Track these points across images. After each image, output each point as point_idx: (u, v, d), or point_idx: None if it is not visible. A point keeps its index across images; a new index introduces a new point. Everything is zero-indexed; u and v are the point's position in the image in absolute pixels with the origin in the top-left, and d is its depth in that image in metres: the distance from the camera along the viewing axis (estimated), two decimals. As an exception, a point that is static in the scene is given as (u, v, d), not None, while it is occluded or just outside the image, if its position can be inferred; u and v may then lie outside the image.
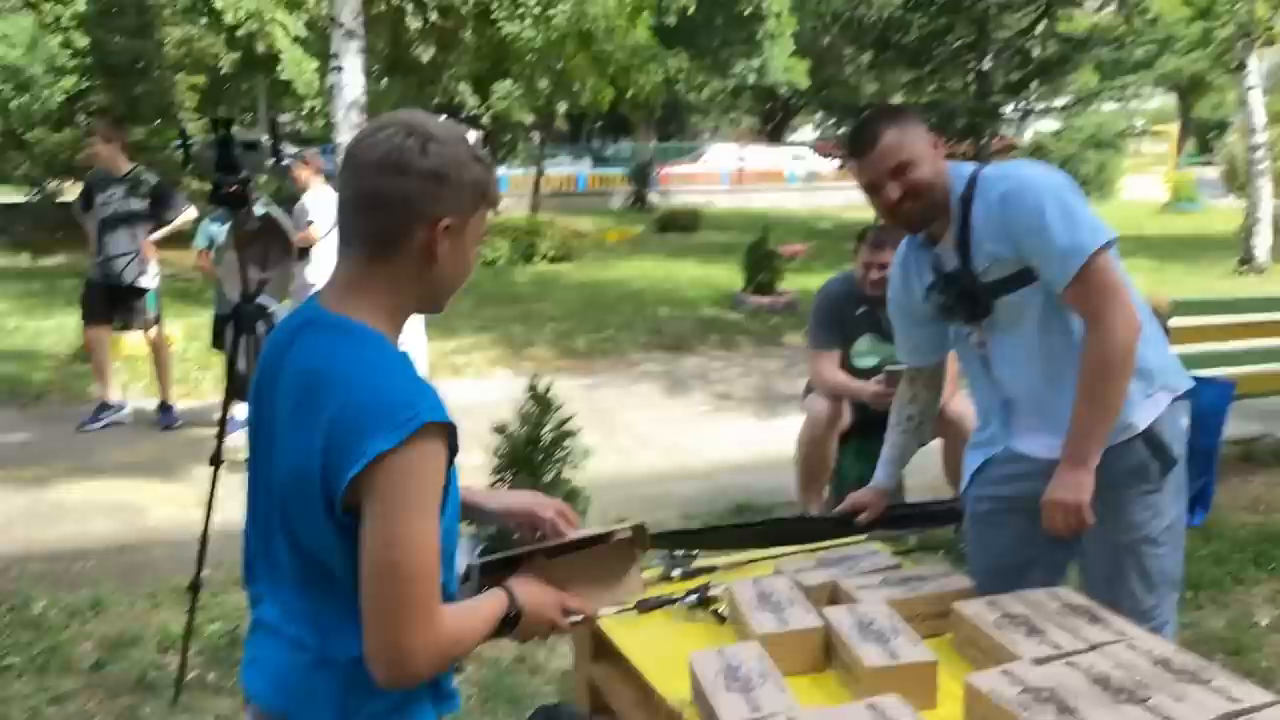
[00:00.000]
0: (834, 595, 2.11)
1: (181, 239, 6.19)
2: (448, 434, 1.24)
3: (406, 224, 1.26)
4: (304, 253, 5.43)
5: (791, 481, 4.20)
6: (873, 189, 2.14)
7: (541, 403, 3.44)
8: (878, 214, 2.22)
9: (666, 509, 4.35)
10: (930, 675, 1.76)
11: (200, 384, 6.55)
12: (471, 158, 1.30)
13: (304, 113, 18.79)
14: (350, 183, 1.29)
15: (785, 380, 6.77)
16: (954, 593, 2.06)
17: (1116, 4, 15.51)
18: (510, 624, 1.40)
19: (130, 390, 6.24)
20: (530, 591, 1.44)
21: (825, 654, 1.91)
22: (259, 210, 2.76)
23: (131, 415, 5.94)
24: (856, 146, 2.14)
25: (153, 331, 5.90)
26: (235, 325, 2.65)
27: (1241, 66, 11.92)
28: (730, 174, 26.11)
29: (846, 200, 22.09)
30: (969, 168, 2.17)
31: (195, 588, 2.86)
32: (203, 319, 8.09)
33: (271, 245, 2.96)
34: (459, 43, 18.03)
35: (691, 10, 17.14)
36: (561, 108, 21.07)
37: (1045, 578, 2.14)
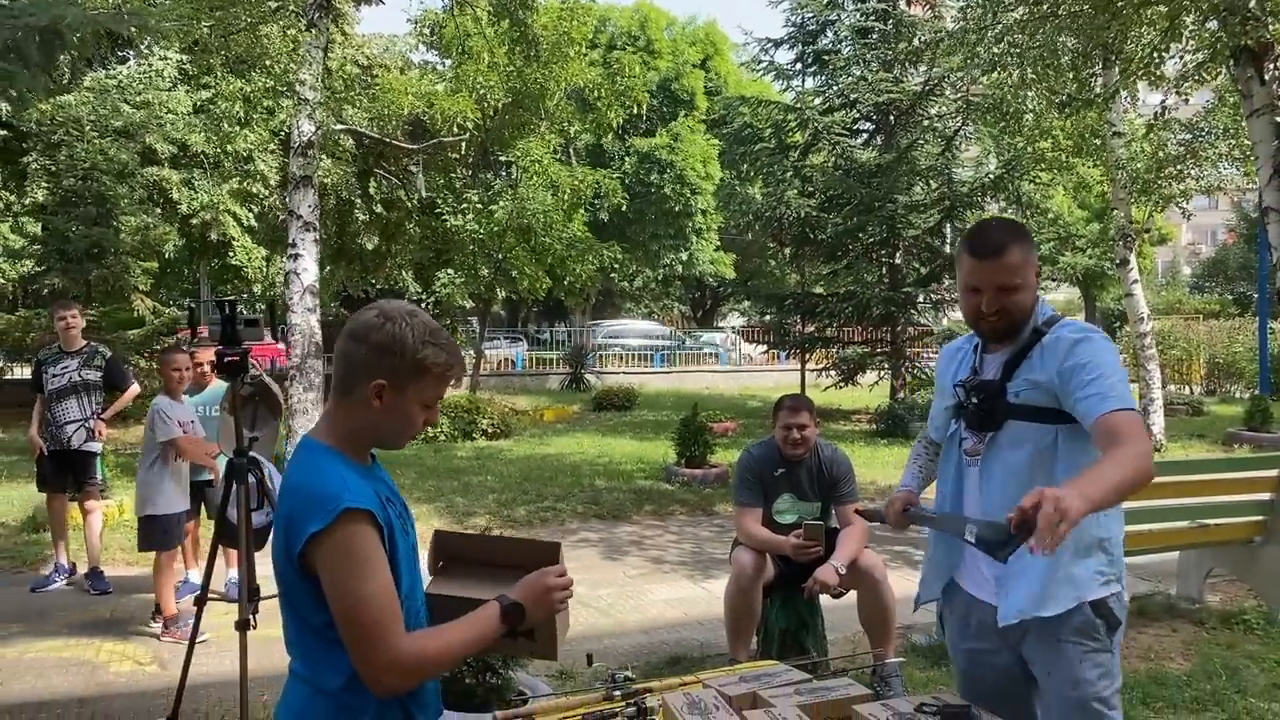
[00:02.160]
0: (754, 702, 2.44)
1: (123, 417, 6.47)
2: (370, 516, 1.62)
3: (356, 379, 1.71)
4: None
5: (724, 636, 4.50)
6: (974, 291, 2.24)
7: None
8: (963, 309, 2.32)
9: (606, 662, 4.58)
10: (832, 759, 2.10)
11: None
12: (423, 341, 1.71)
13: (247, 296, 19.27)
14: (336, 343, 1.79)
15: (717, 546, 7.10)
16: (855, 698, 2.41)
17: (1016, 205, 16.88)
18: (516, 619, 1.76)
19: (79, 556, 6.31)
20: (516, 587, 1.81)
21: (746, 750, 2.23)
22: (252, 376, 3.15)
23: (78, 581, 6.04)
24: (979, 248, 2.22)
25: (95, 499, 6.09)
26: (228, 477, 2.98)
27: (1125, 263, 13.11)
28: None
29: (775, 382, 23.04)
30: (1050, 309, 2.31)
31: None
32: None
33: (261, 407, 3.33)
34: (403, 233, 18.89)
35: (624, 207, 18.32)
36: (500, 294, 21.94)
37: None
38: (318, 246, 9.56)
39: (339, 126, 11.55)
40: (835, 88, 17.26)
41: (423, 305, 22.87)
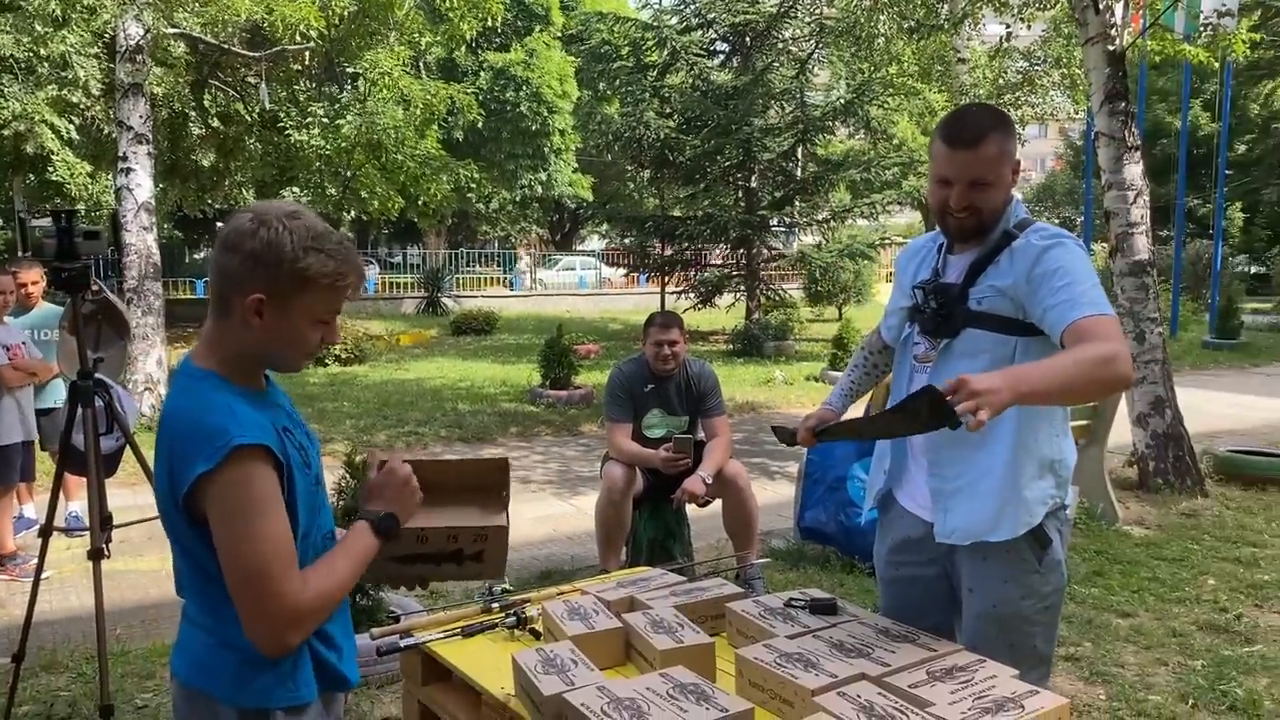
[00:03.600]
0: (631, 606, 2.50)
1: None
2: (266, 452, 1.46)
3: (230, 293, 1.51)
4: None
5: (592, 550, 4.59)
6: (943, 184, 2.07)
7: (358, 474, 3.68)
8: (930, 202, 2.15)
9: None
10: (709, 654, 2.17)
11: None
12: (305, 248, 1.49)
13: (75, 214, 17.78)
14: (211, 255, 1.61)
15: (583, 464, 7.18)
16: (727, 596, 2.51)
17: (864, 131, 17.34)
18: (393, 529, 1.66)
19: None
20: (376, 493, 1.69)
21: (626, 651, 2.29)
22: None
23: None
24: (954, 136, 2.05)
25: None
26: (72, 401, 2.79)
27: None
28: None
29: (635, 305, 23.21)
30: (1024, 211, 2.17)
31: (19, 658, 2.88)
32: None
33: (105, 326, 3.12)
34: (243, 149, 17.81)
35: (479, 125, 17.77)
36: (349, 215, 21.11)
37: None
38: (151, 160, 8.93)
39: (170, 30, 10.69)
40: (692, 6, 17.15)
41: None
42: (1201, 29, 7.60)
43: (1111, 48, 6.25)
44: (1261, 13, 30.94)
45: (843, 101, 16.09)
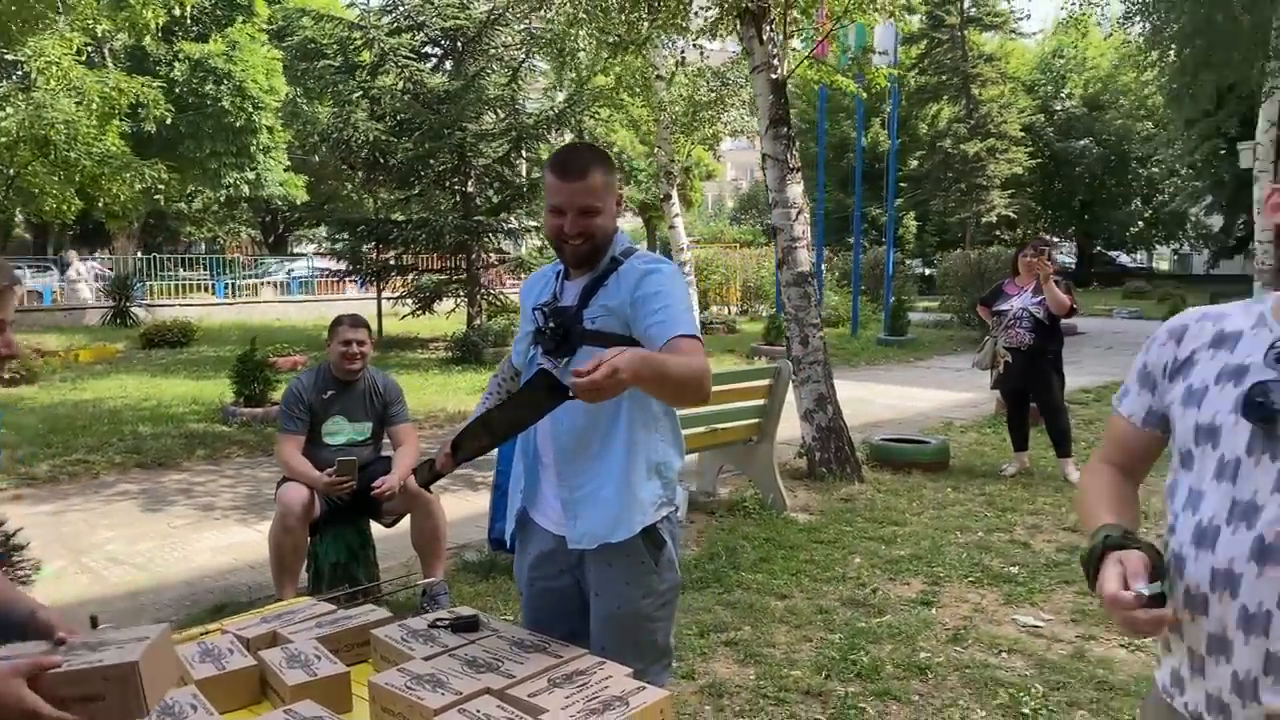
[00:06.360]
0: (274, 640, 2.46)
1: None
2: None
3: None
4: None
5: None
6: (557, 213, 2.26)
7: (-17, 520, 3.34)
8: (546, 232, 2.35)
9: (141, 619, 4.31)
10: (344, 684, 2.19)
11: None
12: None
13: None
14: None
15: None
16: (373, 622, 2.52)
17: (579, 139, 17.74)
18: None
19: None
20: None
21: (262, 689, 2.25)
22: None
23: None
24: (564, 169, 2.25)
25: None
26: None
27: (668, 198, 14.42)
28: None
29: (350, 311, 22.35)
30: (627, 240, 2.39)
31: None
32: None
33: None
34: (-125, 141, 15.48)
35: (169, 120, 16.39)
36: (20, 216, 18.88)
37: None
38: None
39: None
40: (402, 8, 16.82)
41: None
42: (851, 62, 8.47)
43: (774, 76, 6.82)
44: (927, 43, 34.90)
45: (555, 110, 16.37)
